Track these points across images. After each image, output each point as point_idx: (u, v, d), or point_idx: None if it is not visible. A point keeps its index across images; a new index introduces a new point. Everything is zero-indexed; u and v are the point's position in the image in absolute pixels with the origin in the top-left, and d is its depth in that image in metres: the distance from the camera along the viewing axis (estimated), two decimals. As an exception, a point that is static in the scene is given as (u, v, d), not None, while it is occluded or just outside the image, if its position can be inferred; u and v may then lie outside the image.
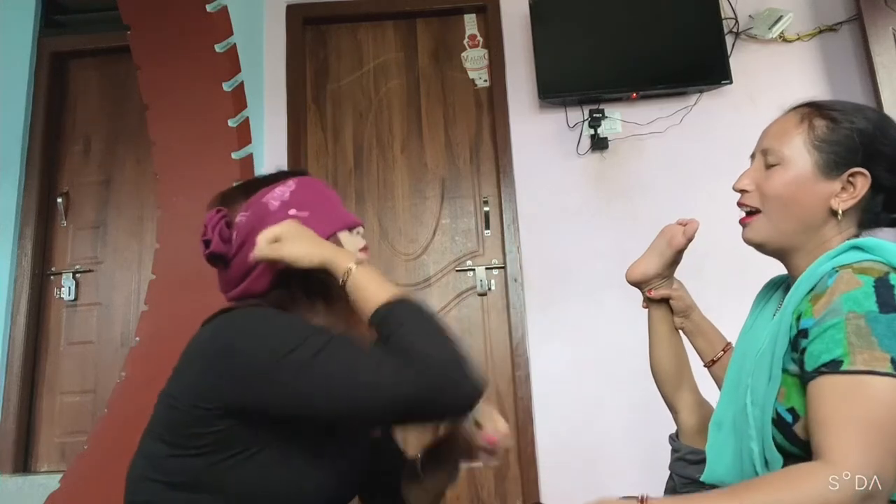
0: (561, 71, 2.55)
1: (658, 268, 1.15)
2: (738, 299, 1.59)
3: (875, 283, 0.77)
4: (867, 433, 0.69)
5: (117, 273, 2.77)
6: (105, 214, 2.82)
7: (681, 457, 1.16)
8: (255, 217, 0.89)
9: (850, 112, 0.91)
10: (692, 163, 2.55)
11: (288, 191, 0.92)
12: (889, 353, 0.72)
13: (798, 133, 0.91)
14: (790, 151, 0.90)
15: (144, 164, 2.80)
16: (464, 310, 2.60)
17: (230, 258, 0.90)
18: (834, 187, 0.88)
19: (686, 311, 1.17)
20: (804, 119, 0.92)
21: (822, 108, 0.92)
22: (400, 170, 2.73)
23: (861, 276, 0.78)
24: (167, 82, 2.22)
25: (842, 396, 0.72)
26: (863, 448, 0.68)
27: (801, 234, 0.90)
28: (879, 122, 0.90)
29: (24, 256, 2.73)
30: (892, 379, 0.71)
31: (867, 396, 0.71)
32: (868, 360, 0.72)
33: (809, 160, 0.89)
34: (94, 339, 2.72)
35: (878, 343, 0.72)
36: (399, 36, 2.84)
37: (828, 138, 0.89)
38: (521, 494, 2.43)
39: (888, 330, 0.73)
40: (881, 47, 2.45)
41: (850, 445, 0.69)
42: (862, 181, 0.87)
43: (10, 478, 2.52)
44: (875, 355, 0.72)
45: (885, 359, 0.71)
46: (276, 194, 0.91)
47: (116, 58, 2.84)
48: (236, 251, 0.89)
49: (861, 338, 0.73)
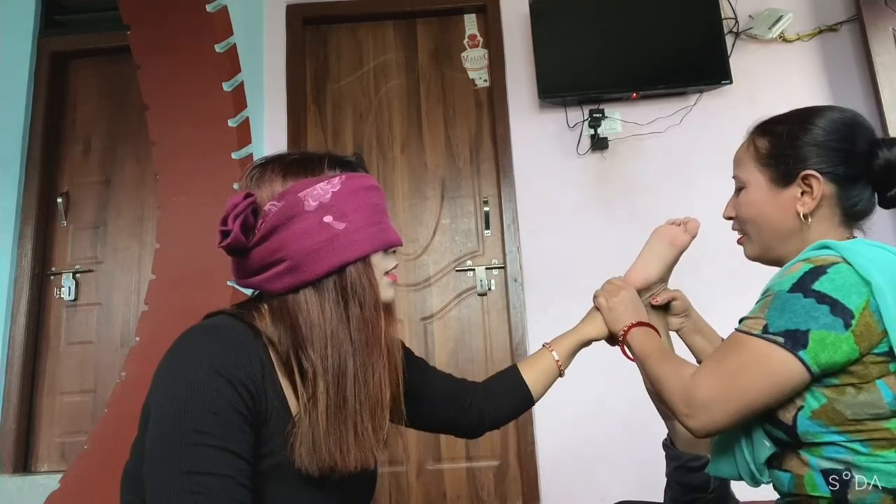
0: (561, 71, 2.55)
1: (660, 271, 1.15)
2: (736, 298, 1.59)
3: (808, 270, 0.82)
4: (721, 371, 0.84)
5: (117, 273, 2.77)
6: (105, 214, 2.82)
7: (681, 464, 1.15)
8: (285, 212, 0.80)
9: (788, 122, 0.95)
10: (692, 163, 2.55)
11: (330, 191, 0.82)
12: (767, 321, 0.82)
13: (748, 157, 0.98)
14: (746, 175, 0.97)
15: (144, 164, 2.80)
16: (464, 310, 2.60)
17: (249, 248, 0.81)
18: (793, 193, 0.92)
19: (686, 310, 1.18)
20: (750, 143, 0.99)
21: (765, 125, 0.98)
22: (400, 170, 2.73)
23: (805, 264, 0.84)
24: (167, 82, 2.22)
25: (726, 344, 0.88)
26: (713, 378, 0.84)
27: (781, 244, 0.95)
28: (816, 119, 0.93)
29: (24, 256, 2.74)
30: (755, 339, 0.82)
31: (735, 348, 0.84)
32: (749, 324, 0.85)
33: (762, 178, 0.95)
34: (94, 339, 2.72)
35: (767, 314, 0.83)
36: (399, 36, 2.84)
37: (771, 153, 0.95)
38: (521, 494, 2.43)
39: (781, 305, 0.82)
40: (881, 47, 2.45)
41: (710, 369, 0.86)
42: (815, 181, 0.90)
43: (10, 478, 2.52)
44: (757, 321, 0.83)
45: (760, 325, 0.82)
46: (317, 193, 0.81)
47: (116, 58, 2.84)
48: (256, 242, 0.81)
49: (761, 309, 0.85)
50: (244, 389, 0.74)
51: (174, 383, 0.73)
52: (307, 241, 0.79)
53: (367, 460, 0.80)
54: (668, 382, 0.90)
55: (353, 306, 0.81)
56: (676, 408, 0.87)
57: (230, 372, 0.73)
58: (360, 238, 0.82)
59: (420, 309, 2.61)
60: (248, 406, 0.74)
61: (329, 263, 0.80)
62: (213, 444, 0.70)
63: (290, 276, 0.80)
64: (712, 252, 2.08)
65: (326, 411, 0.78)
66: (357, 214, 0.83)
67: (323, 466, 0.77)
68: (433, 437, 2.50)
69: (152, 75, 2.23)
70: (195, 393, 0.71)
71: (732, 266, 2.20)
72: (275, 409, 0.78)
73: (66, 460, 2.57)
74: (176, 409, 0.71)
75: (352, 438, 0.78)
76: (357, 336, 0.81)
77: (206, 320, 0.82)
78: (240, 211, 0.79)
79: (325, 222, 0.80)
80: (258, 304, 0.85)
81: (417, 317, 2.60)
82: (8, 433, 2.59)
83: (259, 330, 0.81)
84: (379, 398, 0.82)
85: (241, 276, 0.85)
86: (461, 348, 2.57)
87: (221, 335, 0.77)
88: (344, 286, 0.81)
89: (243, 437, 0.73)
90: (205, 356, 0.74)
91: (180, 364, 0.74)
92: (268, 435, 0.76)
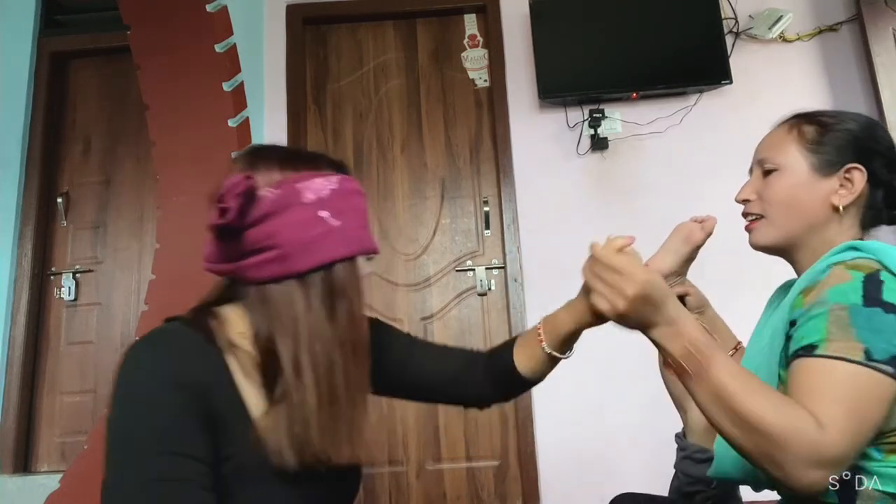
0: (561, 71, 2.55)
1: (674, 265, 1.15)
2: (740, 298, 1.59)
3: (864, 279, 0.79)
4: (848, 415, 0.71)
5: (117, 273, 2.77)
6: (105, 214, 2.82)
7: (687, 455, 1.16)
8: (282, 199, 0.79)
9: (838, 116, 0.96)
10: (692, 163, 2.55)
11: (329, 188, 0.81)
12: (863, 343, 0.74)
13: (790, 140, 0.95)
14: (785, 158, 0.94)
15: (144, 164, 2.80)
16: (464, 310, 2.60)
17: (240, 231, 0.79)
18: (832, 185, 0.91)
19: (701, 307, 1.17)
20: (793, 127, 0.96)
21: (811, 115, 0.97)
22: (400, 170, 2.73)
23: (852, 271, 0.81)
24: (167, 82, 2.22)
25: (817, 376, 0.75)
26: (846, 428, 0.70)
27: (805, 234, 0.93)
28: (867, 123, 0.95)
29: (24, 256, 2.74)
30: (862, 368, 0.73)
31: (838, 380, 0.73)
32: (842, 348, 0.75)
33: (805, 163, 0.93)
34: (94, 339, 2.72)
35: (855, 334, 0.75)
36: (399, 36, 2.84)
37: (819, 140, 0.93)
38: (521, 494, 2.43)
39: (867, 322, 0.75)
40: (881, 47, 2.45)
41: (836, 414, 0.71)
42: (858, 176, 0.90)
43: (10, 478, 2.52)
44: (850, 345, 0.74)
45: (859, 349, 0.74)
46: (315, 186, 0.80)
47: (116, 58, 2.84)
48: (248, 226, 0.78)
49: (840, 328, 0.76)
50: (193, 395, 0.73)
51: (123, 399, 0.73)
52: (301, 232, 0.78)
53: (358, 454, 0.80)
54: (784, 433, 0.70)
55: (339, 304, 0.80)
56: (796, 462, 0.69)
57: (177, 378, 0.73)
58: (352, 238, 0.82)
59: (420, 309, 2.61)
60: (201, 409, 0.73)
61: (319, 258, 0.79)
62: (170, 451, 0.70)
63: (277, 264, 0.78)
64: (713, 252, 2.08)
65: (318, 405, 0.77)
66: (350, 215, 0.82)
67: (312, 459, 0.76)
68: (433, 437, 2.50)
69: (152, 75, 2.23)
70: (144, 404, 0.71)
71: (734, 266, 2.20)
72: (230, 412, 0.76)
73: (66, 460, 2.57)
74: (127, 423, 0.71)
75: (344, 432, 0.78)
76: (344, 335, 0.80)
77: (154, 329, 0.80)
78: (240, 190, 0.77)
79: (321, 216, 0.79)
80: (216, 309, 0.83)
81: (417, 317, 2.60)
82: (8, 433, 2.59)
83: (213, 334, 0.79)
84: (365, 395, 0.83)
85: (221, 259, 0.82)
86: (461, 348, 2.57)
87: (167, 343, 0.77)
88: (331, 282, 0.80)
89: (199, 440, 0.72)
90: (150, 366, 0.74)
91: (126, 379, 0.74)
92: (226, 438, 0.75)
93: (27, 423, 2.65)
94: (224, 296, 0.85)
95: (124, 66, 2.77)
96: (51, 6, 2.96)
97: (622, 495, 1.20)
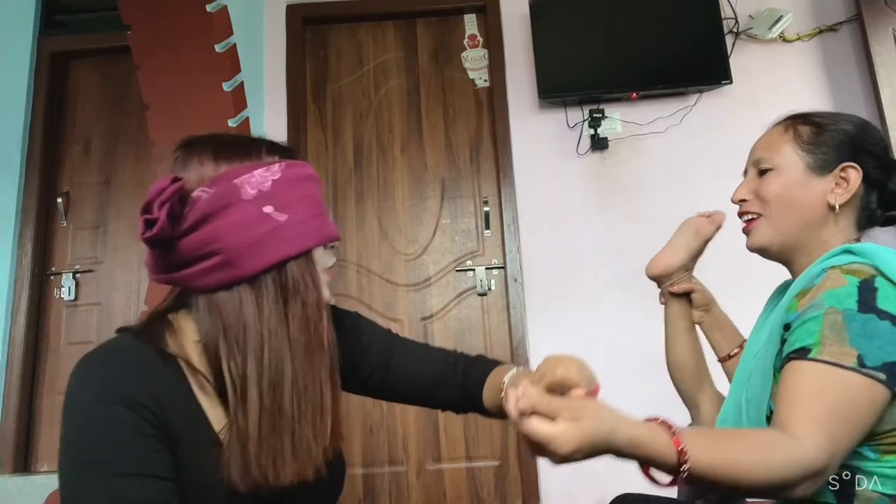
0: (561, 71, 2.55)
1: (682, 260, 1.14)
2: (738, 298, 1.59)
3: (860, 284, 0.79)
4: (828, 418, 0.72)
5: (117, 273, 2.77)
6: (105, 214, 2.82)
7: None
8: (219, 199, 0.72)
9: (833, 117, 0.97)
10: (692, 163, 2.55)
11: (270, 179, 0.73)
12: (857, 349, 0.74)
13: (785, 141, 0.96)
14: (780, 158, 0.95)
15: (144, 164, 2.80)
16: (464, 310, 2.60)
17: (174, 239, 0.72)
18: (828, 184, 0.92)
19: (707, 304, 1.17)
20: (789, 128, 0.97)
21: (806, 116, 0.98)
22: (400, 170, 2.73)
23: (848, 276, 0.81)
24: (167, 82, 2.22)
25: (808, 380, 0.75)
26: (824, 431, 0.71)
27: (802, 234, 0.93)
28: (862, 124, 0.96)
29: (24, 256, 2.73)
30: (854, 374, 0.74)
31: (830, 386, 0.74)
32: (835, 354, 0.75)
33: (800, 163, 0.94)
34: (94, 339, 2.72)
35: (850, 340, 0.75)
36: (399, 36, 2.84)
37: (815, 140, 0.94)
38: (521, 494, 2.43)
39: (862, 329, 0.76)
40: (881, 47, 2.45)
41: (814, 426, 0.71)
42: (854, 174, 0.91)
43: (10, 478, 2.52)
44: (843, 350, 0.75)
45: (852, 355, 0.74)
46: (255, 180, 0.73)
47: (116, 58, 2.84)
48: (183, 233, 0.72)
49: (834, 332, 0.76)
50: (146, 411, 0.69)
51: (72, 422, 0.69)
52: (244, 233, 0.72)
53: (305, 472, 0.73)
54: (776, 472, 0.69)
55: (293, 305, 0.74)
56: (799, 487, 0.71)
57: (126, 396, 0.68)
58: (303, 231, 0.75)
59: (420, 309, 2.61)
60: (155, 426, 0.69)
61: (269, 258, 0.73)
62: (123, 472, 0.66)
63: (223, 271, 0.72)
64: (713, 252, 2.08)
65: (259, 421, 0.71)
66: (299, 205, 0.75)
67: (252, 483, 0.70)
68: (433, 437, 2.50)
69: (152, 75, 2.23)
70: (92, 427, 0.67)
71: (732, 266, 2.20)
72: (189, 428, 0.72)
73: (66, 460, 2.57)
74: (78, 450, 0.67)
75: (288, 450, 0.72)
76: (297, 336, 0.74)
77: (104, 343, 0.75)
78: (166, 197, 0.70)
79: (265, 213, 0.72)
80: (172, 315, 0.79)
81: (417, 317, 2.60)
82: (8, 433, 2.59)
83: (166, 348, 0.74)
84: (320, 403, 0.75)
85: (161, 270, 0.75)
86: (461, 348, 2.55)
87: (115, 359, 0.72)
88: (284, 283, 0.74)
89: (157, 457, 0.69)
90: (96, 386, 0.69)
91: (73, 401, 0.69)
92: (183, 456, 0.71)
93: (27, 423, 2.65)
94: (178, 302, 0.80)
95: (124, 66, 2.77)
96: (51, 6, 2.95)
97: (624, 495, 1.19)
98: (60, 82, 2.93)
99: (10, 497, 2.46)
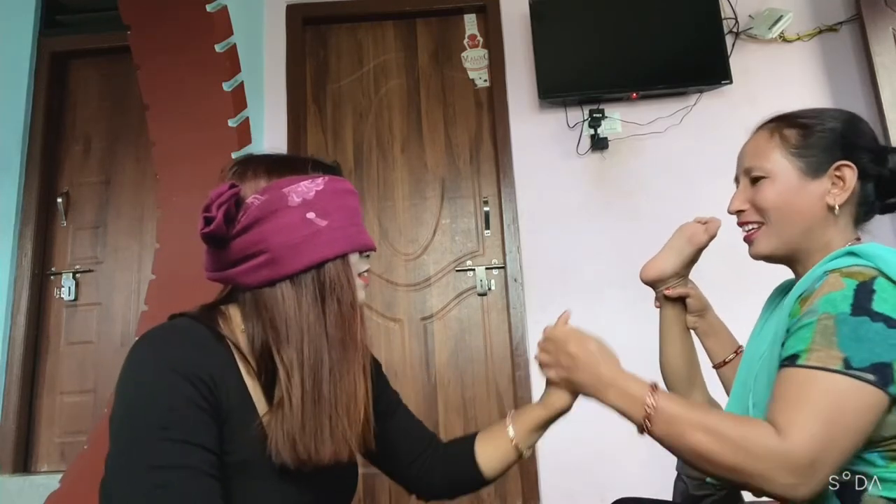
0: (561, 71, 2.55)
1: (676, 266, 1.13)
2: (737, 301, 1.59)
3: (857, 287, 0.79)
4: (815, 419, 0.73)
5: (117, 273, 2.77)
6: (105, 214, 2.82)
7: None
8: (268, 205, 0.81)
9: (818, 116, 0.95)
10: (692, 163, 2.55)
11: (314, 189, 0.83)
12: (843, 352, 0.74)
13: (773, 147, 0.94)
14: (772, 165, 0.93)
15: (144, 164, 2.80)
16: (464, 310, 2.60)
17: (228, 239, 0.82)
18: (824, 185, 0.91)
19: (702, 310, 1.16)
20: (774, 132, 0.95)
21: (790, 118, 0.95)
22: (400, 170, 2.73)
23: (846, 279, 0.80)
24: (167, 82, 2.22)
25: (796, 386, 0.76)
26: (809, 428, 0.72)
27: (804, 238, 0.92)
28: (849, 119, 0.94)
29: (24, 256, 2.74)
30: (840, 376, 0.73)
31: (818, 390, 0.74)
32: (822, 358, 0.75)
33: (792, 168, 0.92)
34: (94, 339, 2.72)
35: (838, 343, 0.75)
36: (399, 36, 2.84)
37: (803, 143, 0.92)
38: (521, 494, 2.43)
39: (852, 332, 0.75)
40: (881, 47, 2.45)
41: (800, 422, 0.73)
42: (849, 173, 0.90)
43: (10, 478, 2.53)
44: (830, 353, 0.75)
45: (838, 357, 0.74)
46: (301, 189, 0.82)
47: (116, 58, 2.84)
48: (237, 234, 0.81)
49: (825, 337, 0.76)
50: (202, 385, 0.74)
51: (130, 387, 0.74)
52: (288, 235, 0.80)
53: (342, 453, 0.80)
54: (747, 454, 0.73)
55: (330, 302, 0.82)
56: (774, 479, 0.72)
57: (186, 368, 0.74)
58: (341, 236, 0.83)
59: (420, 309, 2.61)
60: (209, 401, 0.74)
61: (309, 259, 0.81)
62: (175, 439, 0.70)
63: (268, 269, 0.80)
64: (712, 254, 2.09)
65: (302, 405, 0.78)
66: (338, 214, 0.84)
67: (297, 459, 0.77)
68: (433, 437, 2.50)
69: (152, 75, 2.24)
70: (151, 392, 0.72)
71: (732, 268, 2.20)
72: (237, 407, 0.78)
73: (66, 460, 2.57)
74: (134, 411, 0.72)
75: (327, 431, 0.79)
76: (333, 332, 0.81)
77: (164, 323, 0.82)
78: (224, 200, 0.79)
79: (308, 218, 0.81)
80: (224, 307, 0.86)
81: (417, 317, 2.60)
82: (8, 433, 2.59)
83: (221, 332, 0.81)
84: (353, 393, 0.82)
85: (216, 267, 0.85)
86: (461, 348, 2.57)
87: (177, 335, 0.78)
88: (322, 282, 0.82)
89: (207, 429, 0.74)
90: (159, 356, 0.75)
91: (135, 367, 0.75)
92: (230, 432, 0.76)
93: (27, 423, 2.65)
94: (228, 298, 0.88)
95: (124, 66, 2.77)
96: (51, 6, 2.96)
97: (623, 499, 1.19)
98: (60, 82, 2.94)
99: (10, 497, 2.46)
